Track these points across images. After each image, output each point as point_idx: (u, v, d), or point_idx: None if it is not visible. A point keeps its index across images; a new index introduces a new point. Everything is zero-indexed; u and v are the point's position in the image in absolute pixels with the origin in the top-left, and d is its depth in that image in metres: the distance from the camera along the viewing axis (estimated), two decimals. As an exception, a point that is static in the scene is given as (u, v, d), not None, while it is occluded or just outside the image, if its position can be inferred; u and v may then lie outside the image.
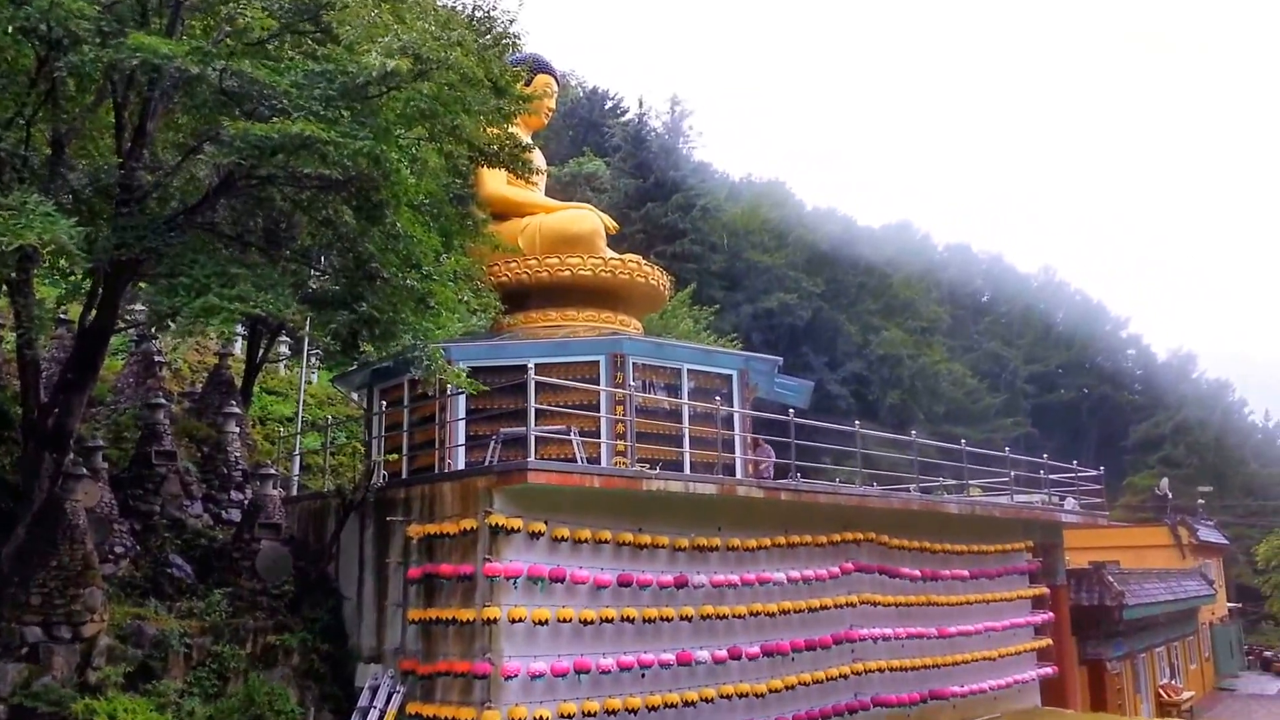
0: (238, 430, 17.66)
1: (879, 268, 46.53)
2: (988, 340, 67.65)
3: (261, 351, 20.03)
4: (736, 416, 16.71)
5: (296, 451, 19.62)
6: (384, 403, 15.83)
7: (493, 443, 14.32)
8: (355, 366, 17.22)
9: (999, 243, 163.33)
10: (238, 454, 17.38)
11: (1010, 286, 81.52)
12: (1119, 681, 25.79)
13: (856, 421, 17.71)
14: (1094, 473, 24.83)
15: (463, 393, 14.76)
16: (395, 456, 15.98)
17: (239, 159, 10.24)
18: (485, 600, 11.82)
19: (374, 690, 12.82)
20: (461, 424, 15.09)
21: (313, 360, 24.39)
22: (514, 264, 17.27)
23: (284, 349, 25.52)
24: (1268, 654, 53.46)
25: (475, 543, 12.11)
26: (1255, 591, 48.93)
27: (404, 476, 15.38)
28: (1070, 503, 25.39)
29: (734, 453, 16.48)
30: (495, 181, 17.83)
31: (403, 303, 12.14)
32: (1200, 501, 54.60)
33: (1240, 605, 54.11)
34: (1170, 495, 46.62)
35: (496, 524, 11.86)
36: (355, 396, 21.72)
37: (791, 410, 16.20)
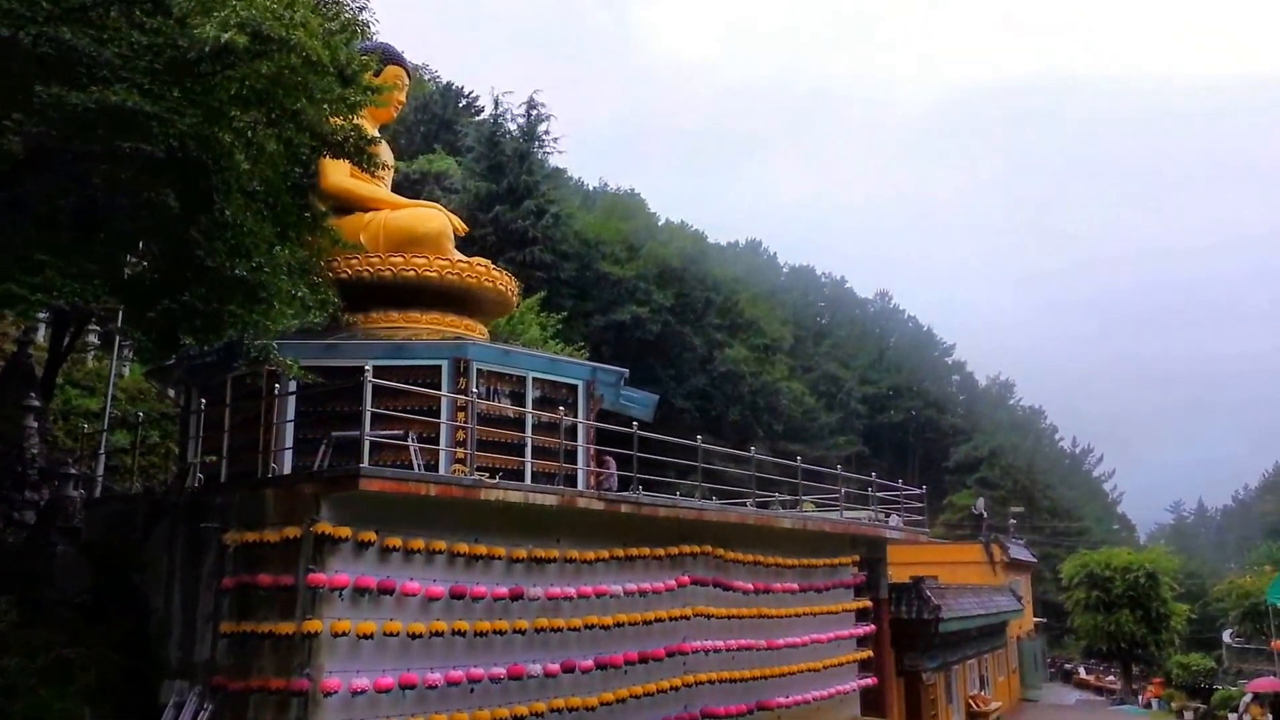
0: (36, 425, 16.26)
1: (727, 285, 47.41)
2: (826, 361, 70.02)
3: (67, 340, 18.52)
4: (580, 427, 16.54)
5: (102, 450, 18.26)
6: (203, 400, 14.90)
7: (323, 447, 13.68)
8: (173, 360, 16.12)
9: (841, 267, 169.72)
10: (35, 451, 16.01)
11: (849, 310, 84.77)
12: (934, 692, 26.92)
13: (699, 436, 17.84)
14: (917, 491, 25.90)
15: (293, 393, 14.07)
16: (213, 459, 15.04)
17: (52, 129, 9.40)
18: (307, 613, 11.20)
19: (179, 708, 11.97)
20: (290, 426, 14.34)
21: (125, 352, 22.77)
22: (355, 260, 16.57)
23: (93, 338, 23.73)
24: (1068, 666, 57.22)
25: (298, 552, 11.46)
26: (1059, 607, 52.16)
27: (222, 480, 14.47)
28: (895, 519, 26.37)
29: (576, 464, 16.31)
30: (338, 173, 17.06)
31: (230, 294, 11.42)
32: (1012, 521, 57.95)
33: (1045, 620, 57.71)
34: (985, 515, 49.25)
35: (323, 533, 11.27)
36: (172, 392, 20.40)
37: (635, 423, 16.16)
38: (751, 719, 17.61)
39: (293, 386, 13.76)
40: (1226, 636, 49.53)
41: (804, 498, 23.01)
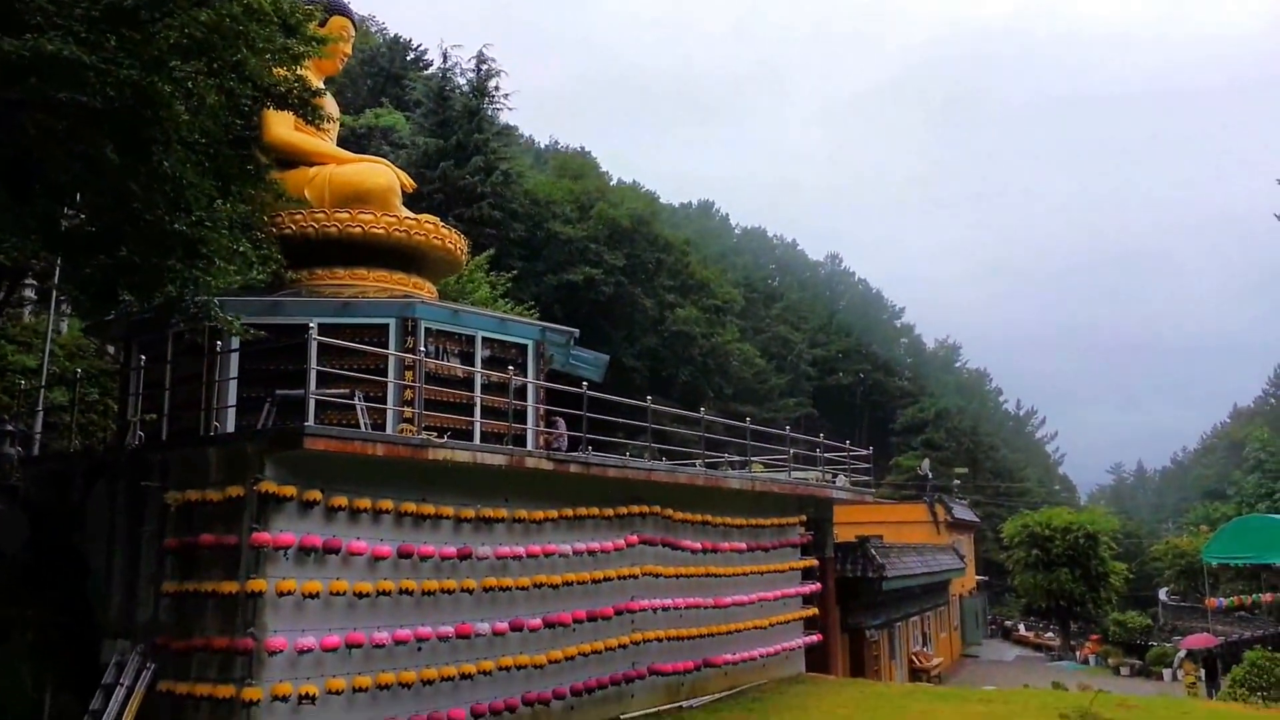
0: (-28, 382, 15.86)
1: (678, 246, 47.33)
2: (777, 324, 70.40)
3: (3, 295, 17.96)
4: (530, 387, 16.50)
5: (40, 407, 17.85)
6: (144, 357, 14.58)
7: (267, 406, 13.48)
8: (112, 316, 15.75)
9: (793, 229, 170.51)
10: (-30, 408, 15.62)
11: (800, 273, 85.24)
12: (877, 648, 27.53)
13: (649, 397, 17.89)
14: (864, 452, 26.29)
15: (236, 350, 13.84)
16: (154, 416, 14.75)
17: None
18: (250, 572, 11.10)
19: (120, 667, 11.82)
20: (233, 384, 14.10)
21: (63, 307, 22.19)
22: (300, 216, 16.23)
23: (29, 293, 23.06)
24: (1008, 624, 58.76)
25: (242, 512, 11.34)
26: (1001, 566, 53.38)
27: (163, 439, 14.22)
28: (842, 480, 26.75)
29: (526, 424, 16.29)
30: (282, 126, 16.66)
31: (169, 249, 11.15)
32: (956, 482, 59.16)
33: (987, 579, 59.12)
34: (930, 476, 50.17)
35: (267, 492, 11.16)
36: (111, 349, 19.95)
37: (585, 383, 16.15)
38: (698, 675, 17.89)
39: (235, 344, 13.51)
40: (1162, 595, 51.16)
41: (753, 459, 23.23)
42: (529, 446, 15.75)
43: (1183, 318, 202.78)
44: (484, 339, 16.16)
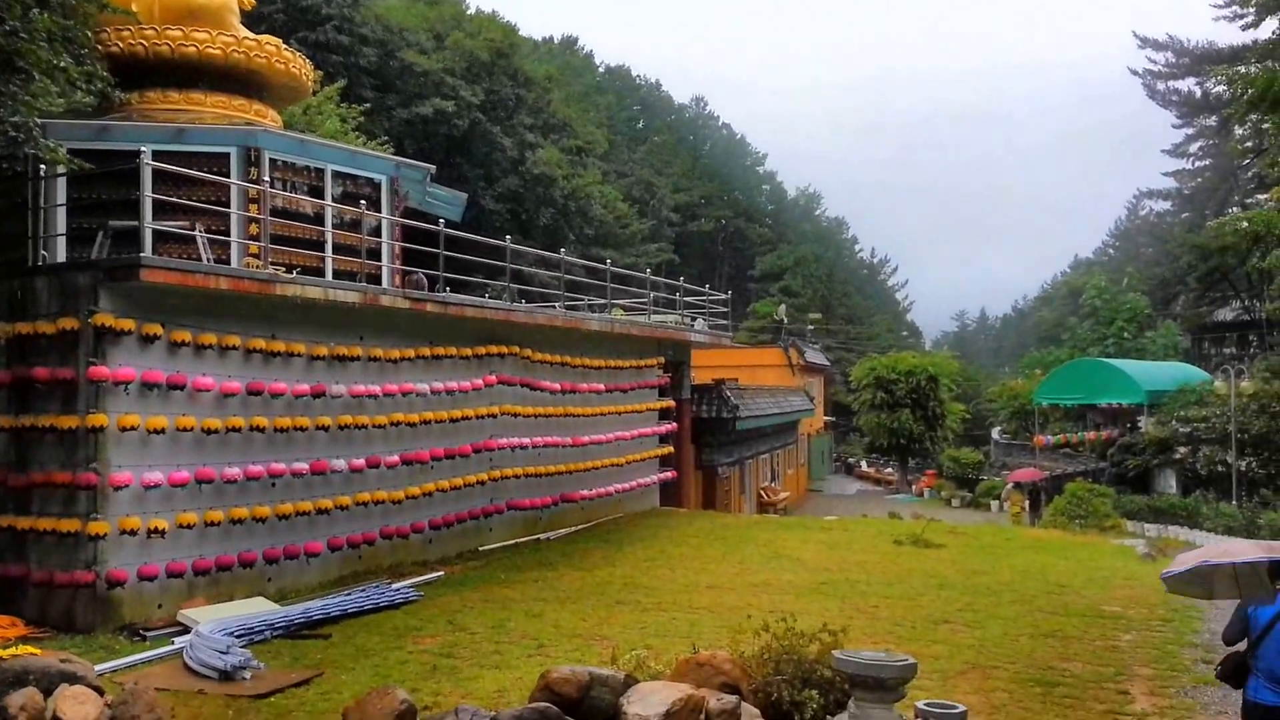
0: None
1: (539, 83, 45.78)
2: (640, 167, 69.76)
3: None
4: (385, 224, 16.05)
5: None
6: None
7: (100, 237, 12.74)
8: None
9: (658, 69, 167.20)
10: None
11: (664, 116, 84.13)
12: (728, 484, 28.89)
13: (508, 237, 17.67)
14: (723, 297, 26.88)
15: (62, 176, 12.92)
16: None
17: None
18: (90, 407, 10.70)
19: (-48, 507, 11.36)
20: (61, 211, 13.23)
21: None
22: (128, 33, 14.96)
23: None
24: (851, 461, 62.37)
25: (77, 345, 10.83)
26: (848, 408, 56.07)
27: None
28: (700, 324, 27.39)
29: (381, 261, 15.91)
30: (103, -71, 15.13)
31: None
32: (810, 328, 61.29)
33: (835, 419, 62.25)
34: (786, 321, 51.76)
35: (103, 325, 10.66)
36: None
37: (442, 221, 15.80)
38: (556, 511, 18.47)
39: (61, 168, 12.59)
40: (995, 433, 54.88)
41: (614, 302, 23.46)
42: (384, 285, 15.44)
43: (1025, 180, 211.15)
44: (335, 173, 15.53)
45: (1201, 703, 8.86)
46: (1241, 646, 6.45)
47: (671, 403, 23.45)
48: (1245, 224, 17.17)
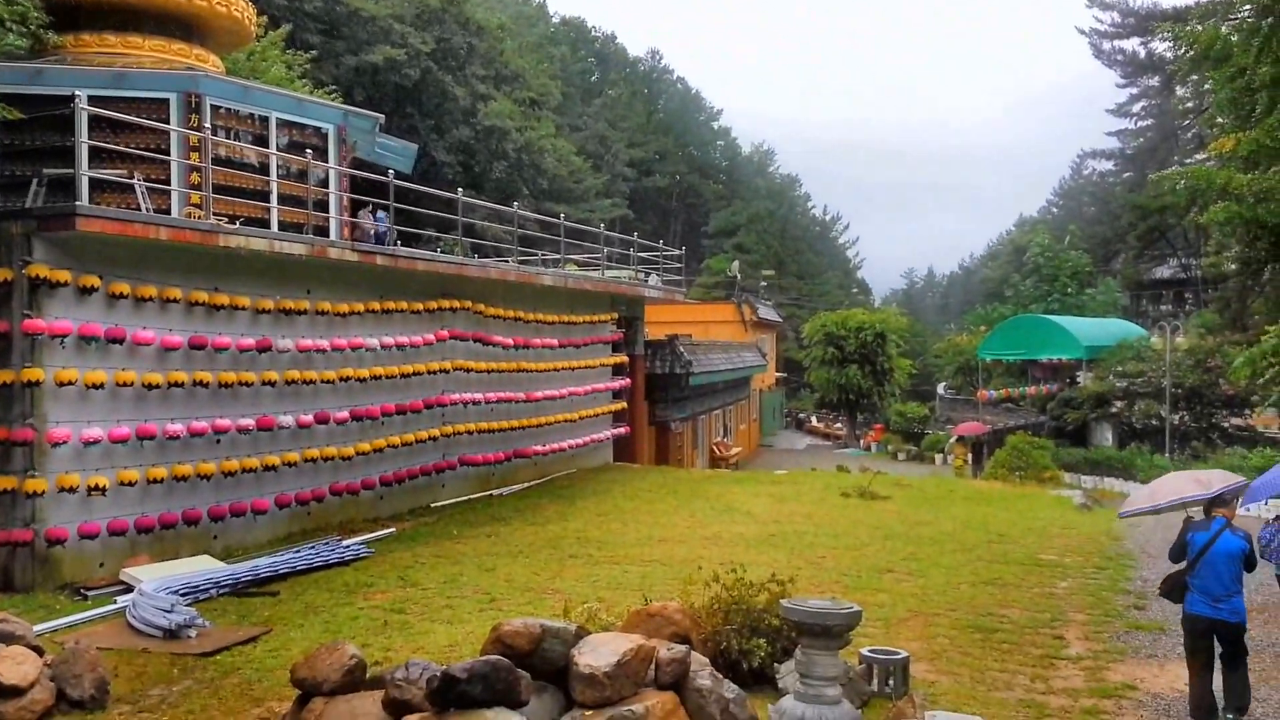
0: None
1: (491, 32, 44.85)
2: (595, 121, 68.97)
3: None
4: (333, 174, 15.71)
5: None
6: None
7: (34, 184, 12.34)
8: None
9: (613, 21, 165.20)
10: None
11: (620, 69, 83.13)
12: (681, 439, 29.02)
13: (460, 190, 17.42)
14: (677, 253, 26.82)
15: (-9, 121, 12.47)
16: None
17: None
18: (25, 361, 10.42)
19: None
20: (-9, 158, 12.79)
21: None
22: (60, -28, 14.41)
23: None
24: (801, 416, 62.96)
25: (11, 297, 10.51)
26: (799, 364, 56.50)
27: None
28: (654, 280, 27.31)
29: (329, 213, 15.60)
30: None
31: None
32: (763, 284, 61.41)
33: (786, 375, 62.69)
34: (739, 277, 51.78)
35: (38, 276, 10.35)
36: None
37: (392, 172, 15.52)
38: (509, 466, 18.44)
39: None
40: (941, 388, 55.74)
41: (567, 257, 23.28)
42: (332, 237, 15.16)
43: (973, 141, 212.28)
44: (280, 121, 15.14)
45: (1133, 646, 9.14)
46: (1181, 566, 7.42)
47: (625, 358, 23.43)
48: (1182, 182, 17.36)
